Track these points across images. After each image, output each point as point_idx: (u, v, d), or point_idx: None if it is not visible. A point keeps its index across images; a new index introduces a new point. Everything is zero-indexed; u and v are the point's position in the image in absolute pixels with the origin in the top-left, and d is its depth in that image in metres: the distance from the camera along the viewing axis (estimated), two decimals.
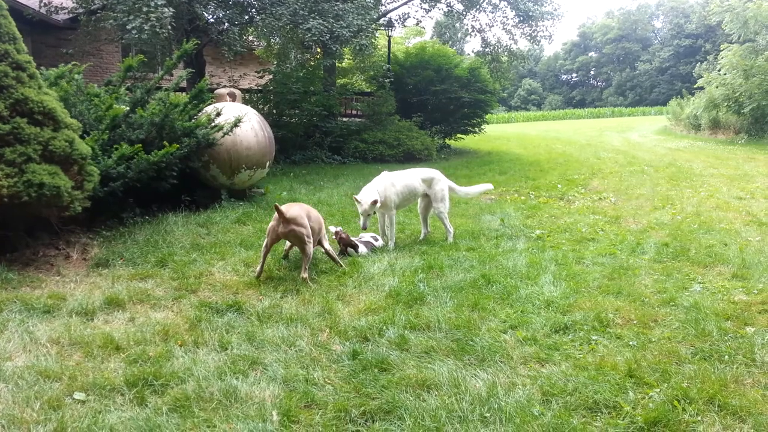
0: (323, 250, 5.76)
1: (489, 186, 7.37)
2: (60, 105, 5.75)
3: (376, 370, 3.55)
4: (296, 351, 3.82)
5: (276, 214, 5.21)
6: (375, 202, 6.20)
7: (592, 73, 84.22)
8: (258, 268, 5.35)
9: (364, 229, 6.25)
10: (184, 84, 12.86)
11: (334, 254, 5.78)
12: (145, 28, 10.64)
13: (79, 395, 3.20)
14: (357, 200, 6.25)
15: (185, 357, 3.67)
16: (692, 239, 6.81)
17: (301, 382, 3.40)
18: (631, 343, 3.95)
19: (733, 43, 23.64)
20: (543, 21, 19.21)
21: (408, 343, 3.92)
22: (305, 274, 5.18)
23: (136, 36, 10.90)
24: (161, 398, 3.20)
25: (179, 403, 3.15)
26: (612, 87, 77.78)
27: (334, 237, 6.19)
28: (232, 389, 3.28)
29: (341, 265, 5.68)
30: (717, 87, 24.12)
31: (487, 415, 3.07)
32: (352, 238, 6.32)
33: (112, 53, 18.06)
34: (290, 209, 5.29)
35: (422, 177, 6.82)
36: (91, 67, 10.71)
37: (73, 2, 14.07)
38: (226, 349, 3.83)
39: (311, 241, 5.30)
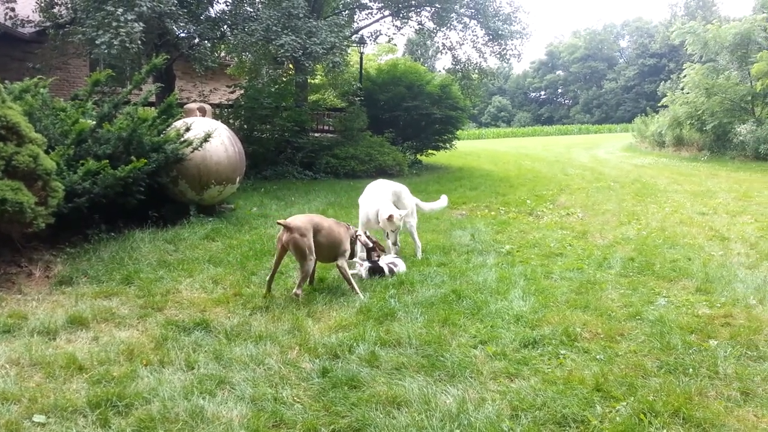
0: (337, 267, 5.45)
1: (445, 198, 7.45)
2: (24, 119, 5.63)
3: (346, 387, 3.52)
4: (265, 369, 3.77)
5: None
6: (391, 217, 6.26)
7: (559, 91, 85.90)
8: (268, 276, 5.30)
9: (394, 244, 6.37)
10: (153, 98, 12.69)
11: (349, 275, 5.38)
12: (115, 43, 10.51)
13: (39, 418, 3.10)
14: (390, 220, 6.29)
15: (150, 377, 3.59)
16: (657, 254, 6.96)
17: (270, 401, 3.35)
18: (598, 356, 4.00)
19: (695, 63, 24.39)
20: (512, 40, 19.49)
21: (378, 360, 3.91)
22: (298, 291, 5.09)
23: (105, 51, 10.76)
24: (125, 419, 3.12)
25: (144, 424, 3.07)
26: (579, 105, 79.39)
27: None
28: (199, 409, 3.22)
29: (357, 292, 5.25)
30: (680, 105, 24.86)
31: (457, 431, 3.07)
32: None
33: (79, 67, 17.78)
34: (295, 219, 5.24)
35: (393, 189, 6.88)
36: (57, 81, 10.53)
37: (40, 16, 13.86)
38: (193, 368, 3.76)
39: (312, 257, 5.16)
